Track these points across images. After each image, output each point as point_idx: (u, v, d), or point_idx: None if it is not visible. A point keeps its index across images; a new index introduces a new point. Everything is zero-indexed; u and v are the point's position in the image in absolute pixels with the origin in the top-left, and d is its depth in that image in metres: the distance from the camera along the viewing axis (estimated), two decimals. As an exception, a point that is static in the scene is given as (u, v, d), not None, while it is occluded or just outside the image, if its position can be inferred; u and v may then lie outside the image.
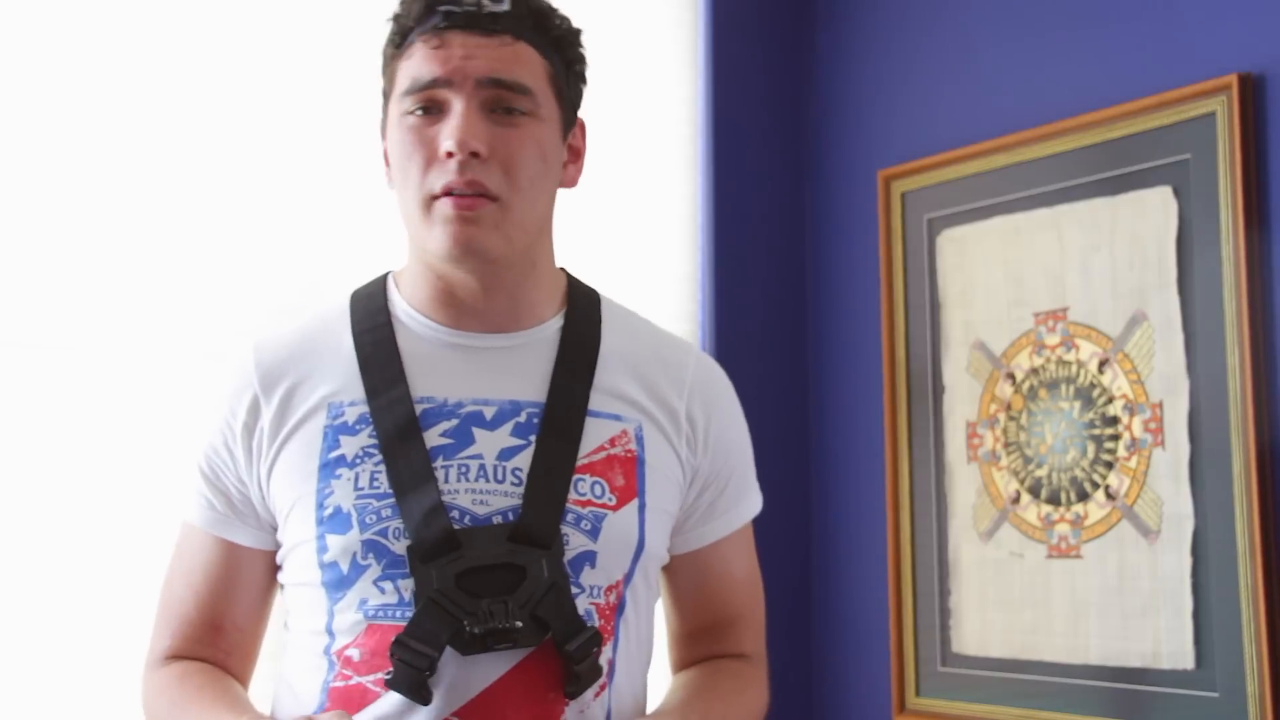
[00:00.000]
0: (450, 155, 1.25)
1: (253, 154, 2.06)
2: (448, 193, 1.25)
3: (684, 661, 1.46)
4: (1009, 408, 2.22)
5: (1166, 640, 1.98)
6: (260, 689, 1.40)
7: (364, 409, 1.29)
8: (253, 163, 2.06)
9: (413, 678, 1.20)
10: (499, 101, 1.27)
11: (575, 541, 1.27)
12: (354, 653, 1.25)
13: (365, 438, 1.28)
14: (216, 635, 1.34)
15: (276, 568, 1.35)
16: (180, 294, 1.99)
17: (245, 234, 2.05)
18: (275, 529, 1.33)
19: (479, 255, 1.27)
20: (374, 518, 1.25)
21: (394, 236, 1.89)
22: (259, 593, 1.36)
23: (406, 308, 1.35)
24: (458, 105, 1.26)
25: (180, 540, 1.37)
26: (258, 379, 1.32)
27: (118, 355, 1.94)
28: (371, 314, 1.35)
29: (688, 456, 1.38)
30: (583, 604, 1.26)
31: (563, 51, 1.34)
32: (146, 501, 1.89)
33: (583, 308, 1.40)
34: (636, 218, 2.47)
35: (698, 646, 1.45)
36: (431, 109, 1.27)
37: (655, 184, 2.50)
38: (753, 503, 1.48)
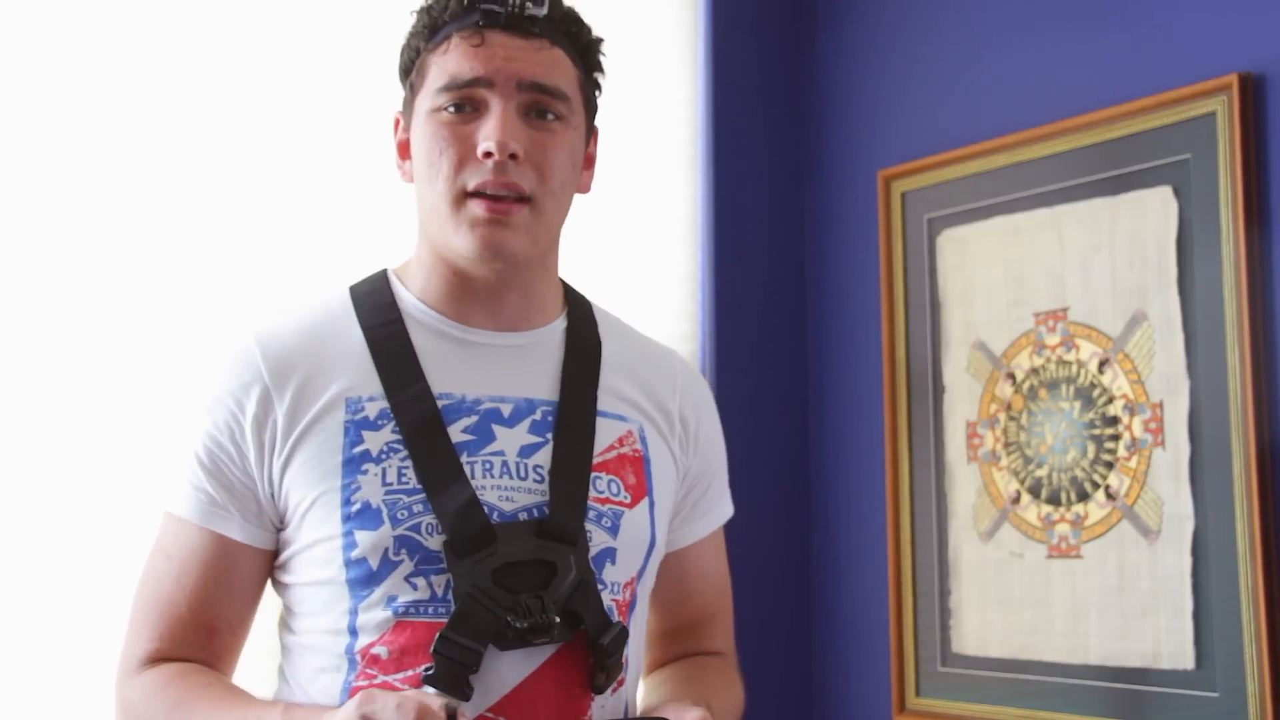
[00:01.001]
0: (489, 155, 1.25)
1: (249, 155, 2.06)
2: (480, 193, 1.26)
3: (659, 660, 1.48)
4: (1009, 408, 2.22)
5: (1166, 640, 1.98)
6: (253, 690, 1.39)
7: (384, 404, 1.28)
8: (249, 164, 2.06)
9: (455, 673, 1.19)
10: (536, 105, 1.28)
11: (597, 539, 1.28)
12: (381, 650, 1.23)
13: (389, 433, 1.27)
14: (209, 637, 1.30)
15: (269, 568, 1.33)
16: (177, 295, 1.99)
17: (243, 235, 2.05)
18: (278, 527, 1.30)
19: (506, 258, 1.28)
20: (406, 513, 1.24)
21: (389, 235, 1.88)
22: (253, 593, 1.32)
23: (416, 302, 1.34)
24: (497, 106, 1.26)
25: (165, 537, 1.32)
26: (267, 372, 1.29)
27: (114, 356, 1.94)
28: (379, 309, 1.34)
29: (680, 456, 1.41)
30: (605, 600, 1.27)
31: (588, 60, 1.36)
32: (145, 501, 1.89)
33: (580, 312, 1.42)
34: (636, 218, 2.47)
35: (673, 645, 1.47)
36: (466, 107, 1.27)
37: (655, 184, 2.50)
38: (728, 506, 1.50)
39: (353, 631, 1.25)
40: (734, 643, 1.51)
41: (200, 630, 1.30)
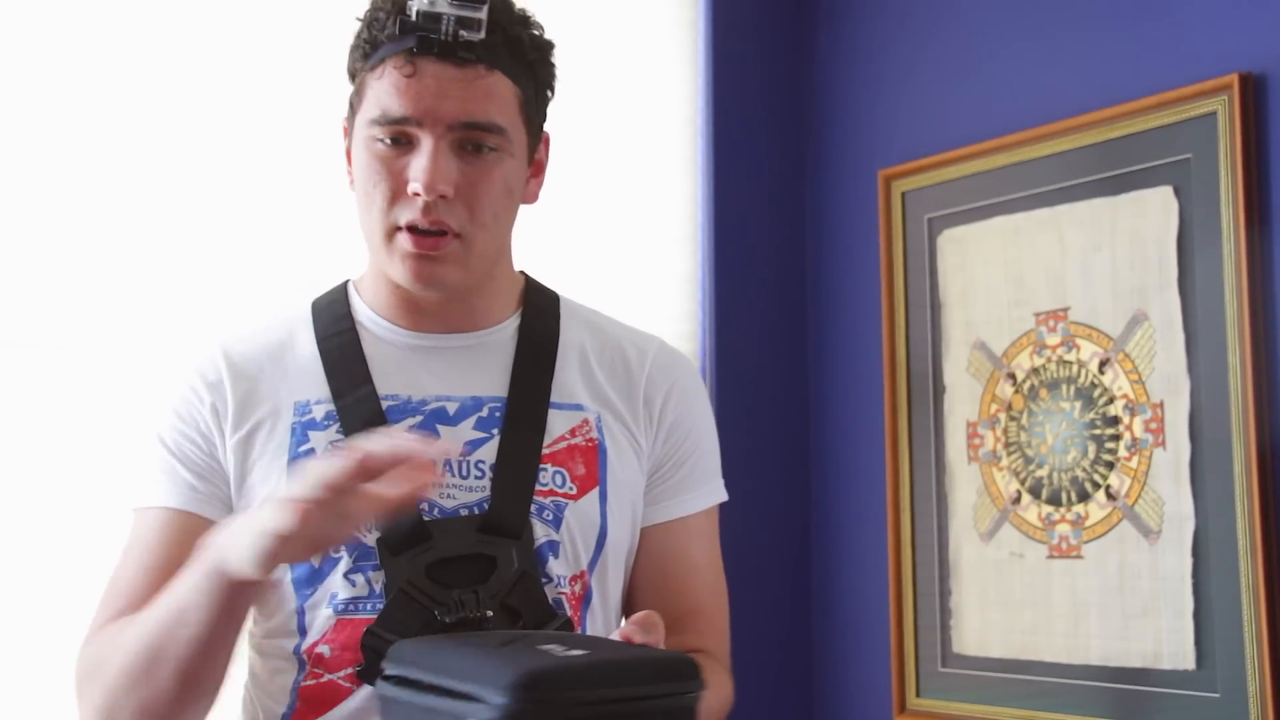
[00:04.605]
0: (417, 195, 1.24)
1: (247, 157, 2.06)
2: (411, 228, 1.26)
3: None
4: (1010, 408, 2.22)
5: (1167, 641, 1.98)
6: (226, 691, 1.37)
7: (330, 407, 1.30)
8: (246, 166, 2.06)
9: None
10: (469, 140, 1.26)
11: (538, 531, 1.28)
12: (324, 649, 1.24)
13: (333, 433, 1.29)
14: None
15: None
16: (176, 296, 1.99)
17: (241, 237, 2.05)
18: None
19: (439, 289, 1.29)
20: None
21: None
22: None
23: (369, 313, 1.37)
24: (427, 144, 1.25)
25: (133, 532, 1.31)
26: (225, 371, 1.33)
27: (114, 356, 1.94)
28: (335, 320, 1.36)
29: (645, 442, 1.38)
30: (550, 593, 1.27)
31: (535, 74, 1.32)
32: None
33: (540, 307, 1.41)
34: (636, 218, 2.47)
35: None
36: (400, 139, 1.26)
37: (655, 184, 2.50)
38: (713, 491, 1.44)
39: (301, 631, 1.26)
40: (728, 649, 1.45)
41: None
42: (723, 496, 1.46)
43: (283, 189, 2.09)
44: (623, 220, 2.45)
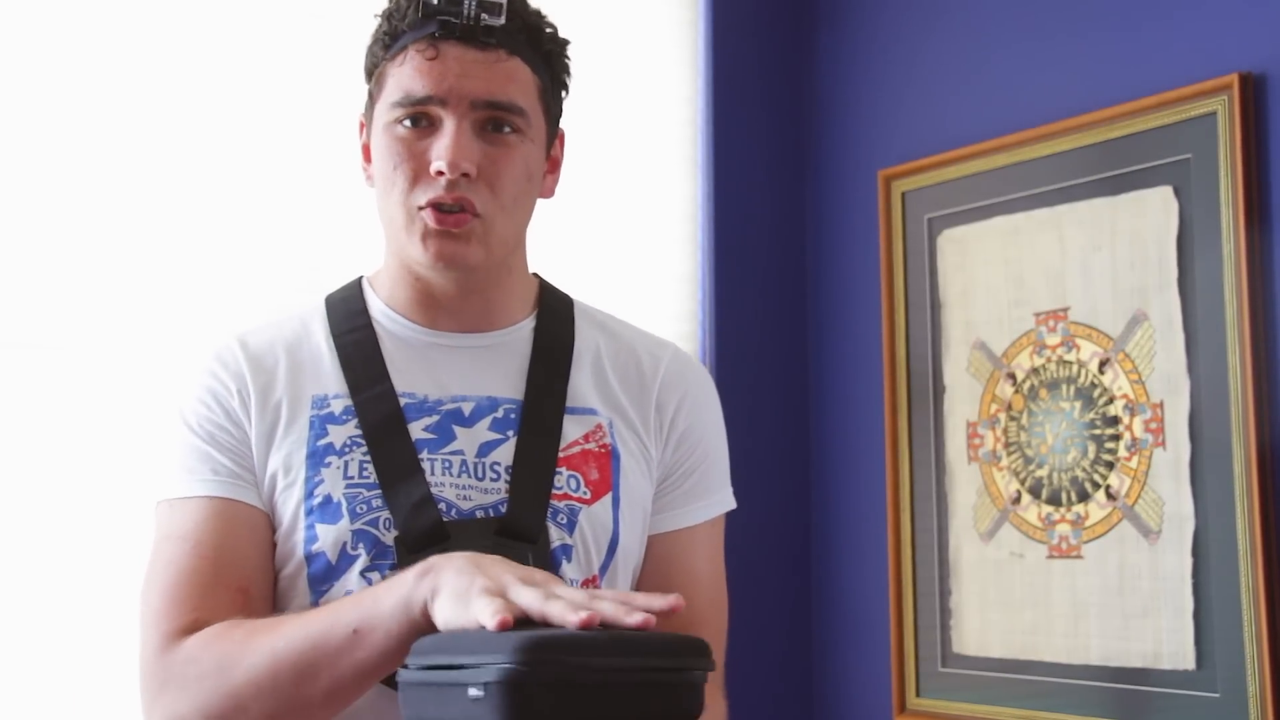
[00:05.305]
0: (440, 174, 1.25)
1: (248, 156, 2.06)
2: (434, 205, 1.26)
3: None
4: (1010, 408, 2.22)
5: (1167, 641, 1.98)
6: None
7: (348, 402, 1.30)
8: (248, 165, 2.06)
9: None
10: (491, 120, 1.28)
11: (553, 535, 1.28)
12: None
13: (352, 428, 1.29)
14: (244, 599, 1.25)
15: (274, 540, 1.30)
16: (176, 296, 1.99)
17: (241, 236, 2.05)
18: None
19: (461, 268, 1.29)
20: (364, 507, 1.26)
21: (378, 238, 1.89)
22: (270, 555, 1.29)
23: (384, 308, 1.37)
24: (449, 124, 1.26)
25: (169, 525, 1.28)
26: (245, 360, 1.32)
27: (114, 356, 1.94)
28: (350, 315, 1.37)
29: (655, 449, 1.38)
30: None
31: (552, 66, 1.35)
32: (145, 500, 1.89)
33: (555, 309, 1.42)
34: (636, 218, 2.47)
35: None
36: (421, 121, 1.28)
37: (655, 184, 2.50)
38: (721, 500, 1.44)
39: None
40: (722, 663, 1.42)
41: (234, 592, 1.24)
42: (730, 505, 1.45)
43: (283, 189, 2.09)
44: (623, 220, 2.45)
